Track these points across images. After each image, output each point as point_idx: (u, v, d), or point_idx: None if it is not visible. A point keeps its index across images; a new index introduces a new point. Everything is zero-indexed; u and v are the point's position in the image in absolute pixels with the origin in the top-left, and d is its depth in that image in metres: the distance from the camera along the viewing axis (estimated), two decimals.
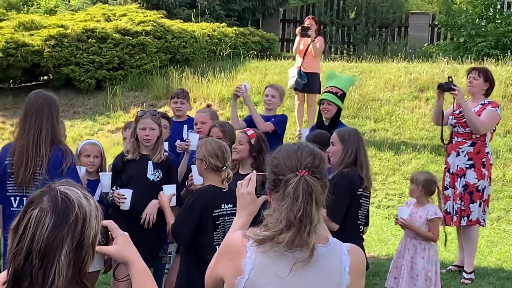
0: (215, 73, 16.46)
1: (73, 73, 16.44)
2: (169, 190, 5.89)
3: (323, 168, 2.90)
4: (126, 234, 2.80)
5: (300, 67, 12.59)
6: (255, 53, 18.55)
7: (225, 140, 6.39)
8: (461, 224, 8.13)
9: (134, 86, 16.67)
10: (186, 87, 15.52)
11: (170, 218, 5.60)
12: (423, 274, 6.70)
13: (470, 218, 8.09)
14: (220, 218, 5.36)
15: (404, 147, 13.07)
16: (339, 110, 7.66)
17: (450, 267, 8.39)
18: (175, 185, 6.02)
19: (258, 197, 3.23)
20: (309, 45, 12.57)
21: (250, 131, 6.43)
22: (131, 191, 5.97)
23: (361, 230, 6.11)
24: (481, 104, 8.16)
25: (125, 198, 5.94)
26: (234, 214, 5.21)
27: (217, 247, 5.11)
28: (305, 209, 2.76)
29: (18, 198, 5.38)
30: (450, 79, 8.21)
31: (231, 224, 5.16)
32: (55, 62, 16.34)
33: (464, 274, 8.08)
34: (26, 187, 5.28)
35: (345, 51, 21.56)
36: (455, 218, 8.14)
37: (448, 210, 8.19)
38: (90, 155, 6.47)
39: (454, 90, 8.02)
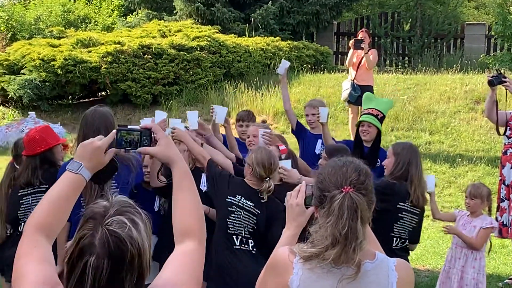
0: (269, 87, 16.53)
1: (129, 88, 16.69)
2: (161, 116, 6.09)
3: (368, 184, 2.89)
4: (169, 137, 2.89)
5: (353, 80, 12.57)
6: (309, 66, 18.59)
7: None
8: None
9: (189, 101, 16.86)
10: (240, 101, 15.66)
11: (195, 145, 5.82)
12: (473, 284, 6.62)
13: None
14: (234, 207, 5.45)
15: (460, 159, 12.94)
16: (379, 132, 7.27)
17: (506, 280, 8.27)
18: (166, 113, 6.28)
19: (307, 208, 3.14)
20: (362, 57, 12.54)
21: (283, 147, 6.41)
22: (197, 112, 6.49)
23: (405, 244, 5.93)
24: None
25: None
26: (252, 214, 5.40)
27: (234, 237, 5.38)
28: (350, 226, 2.76)
29: None
30: (499, 71, 8.05)
31: (247, 220, 5.38)
32: (112, 78, 16.62)
33: None
34: None
35: (400, 63, 21.44)
36: (510, 230, 8.03)
37: (504, 223, 8.08)
38: (146, 165, 6.56)
39: (505, 82, 7.86)
